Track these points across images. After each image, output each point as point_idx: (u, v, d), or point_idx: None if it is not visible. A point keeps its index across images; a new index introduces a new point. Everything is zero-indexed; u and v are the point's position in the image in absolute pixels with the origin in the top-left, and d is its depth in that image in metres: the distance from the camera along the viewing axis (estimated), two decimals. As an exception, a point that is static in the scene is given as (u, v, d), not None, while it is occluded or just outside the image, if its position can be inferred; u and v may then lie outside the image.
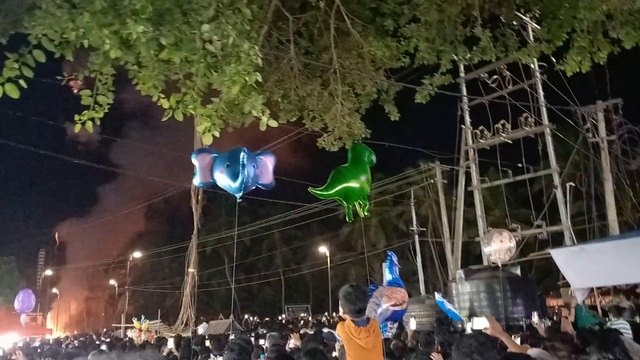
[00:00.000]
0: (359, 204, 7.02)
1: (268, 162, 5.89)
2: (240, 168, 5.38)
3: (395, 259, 7.19)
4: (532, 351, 3.81)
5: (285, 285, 49.90)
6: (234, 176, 5.43)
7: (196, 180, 5.86)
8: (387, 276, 6.97)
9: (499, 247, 12.91)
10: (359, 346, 3.95)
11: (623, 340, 3.37)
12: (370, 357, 3.96)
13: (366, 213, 7.19)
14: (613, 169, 17.34)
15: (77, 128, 5.49)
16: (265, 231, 43.13)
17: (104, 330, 39.21)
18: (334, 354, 5.41)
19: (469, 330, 9.15)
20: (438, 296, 13.67)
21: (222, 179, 5.60)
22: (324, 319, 28.97)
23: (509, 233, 13.63)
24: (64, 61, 5.42)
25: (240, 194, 5.63)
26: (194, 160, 5.74)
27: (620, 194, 18.26)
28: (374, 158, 7.14)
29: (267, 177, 5.86)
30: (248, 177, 5.49)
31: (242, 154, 5.45)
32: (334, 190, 6.69)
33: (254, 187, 5.83)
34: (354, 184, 6.68)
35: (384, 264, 7.45)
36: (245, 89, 5.39)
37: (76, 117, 5.50)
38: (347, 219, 7.16)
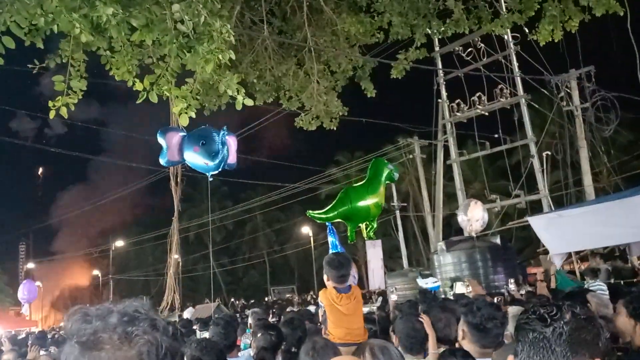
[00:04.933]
0: (365, 225, 7.01)
1: (232, 142, 5.90)
2: (220, 146, 5.39)
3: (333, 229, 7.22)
4: (511, 309, 3.95)
5: (270, 267, 50.07)
6: (211, 154, 5.43)
7: (163, 160, 5.81)
8: (333, 247, 6.98)
9: (472, 216, 13.13)
10: (340, 312, 4.09)
11: (598, 296, 3.49)
12: (351, 321, 4.09)
13: (372, 235, 7.16)
14: (587, 136, 17.61)
15: (52, 114, 5.45)
16: (247, 214, 43.15)
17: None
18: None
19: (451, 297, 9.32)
20: (420, 282, 13.78)
21: (196, 158, 5.60)
22: (309, 297, 29.15)
23: (481, 204, 13.83)
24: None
25: (214, 173, 5.66)
26: (160, 140, 5.72)
27: (595, 161, 18.60)
28: (395, 175, 7.20)
29: (232, 157, 5.88)
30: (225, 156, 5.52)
31: (221, 132, 5.46)
32: (335, 212, 6.73)
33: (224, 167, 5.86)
34: (359, 206, 6.67)
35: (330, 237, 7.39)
36: (220, 69, 5.38)
37: (50, 104, 5.46)
38: (349, 240, 7.15)
